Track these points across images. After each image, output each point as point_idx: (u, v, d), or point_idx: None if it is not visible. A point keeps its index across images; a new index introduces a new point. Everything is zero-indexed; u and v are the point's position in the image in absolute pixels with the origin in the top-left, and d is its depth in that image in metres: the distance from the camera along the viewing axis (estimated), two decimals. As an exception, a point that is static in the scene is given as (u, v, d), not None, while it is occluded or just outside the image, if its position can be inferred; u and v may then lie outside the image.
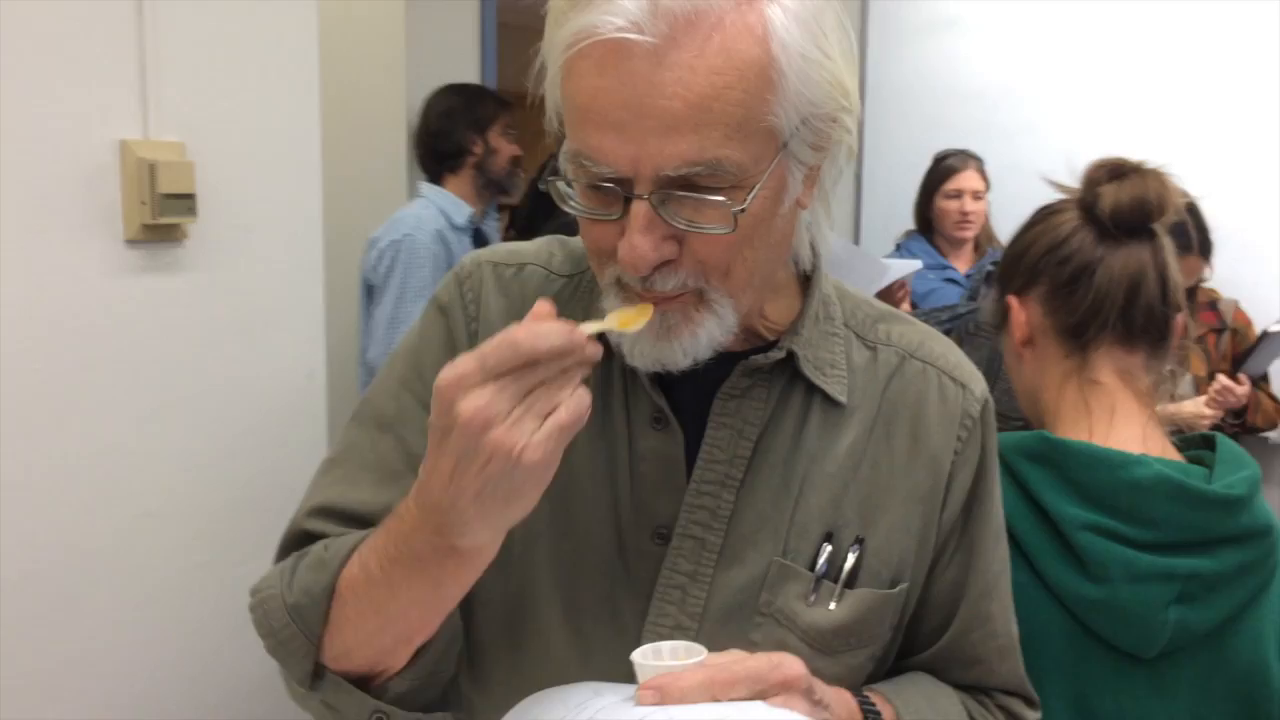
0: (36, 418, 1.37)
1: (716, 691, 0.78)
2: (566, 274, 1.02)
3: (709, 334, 0.86)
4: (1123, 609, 1.14)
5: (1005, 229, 3.44)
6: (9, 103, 1.31)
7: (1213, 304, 3.12)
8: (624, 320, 0.82)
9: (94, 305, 1.42)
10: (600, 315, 0.89)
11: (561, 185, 0.84)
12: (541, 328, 0.75)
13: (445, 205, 2.91)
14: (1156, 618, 1.13)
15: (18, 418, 1.35)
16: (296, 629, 0.87)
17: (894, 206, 3.99)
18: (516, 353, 0.73)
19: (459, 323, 0.99)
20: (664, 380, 0.93)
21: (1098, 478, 1.15)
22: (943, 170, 3.38)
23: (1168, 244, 1.22)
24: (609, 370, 0.96)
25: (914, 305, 3.17)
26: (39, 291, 1.36)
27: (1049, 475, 1.18)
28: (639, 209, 0.80)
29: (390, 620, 0.85)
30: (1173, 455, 1.23)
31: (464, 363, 0.73)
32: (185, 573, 1.56)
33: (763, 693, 0.79)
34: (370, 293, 2.78)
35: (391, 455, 0.97)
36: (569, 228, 0.98)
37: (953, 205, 3.36)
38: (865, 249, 4.05)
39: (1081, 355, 1.25)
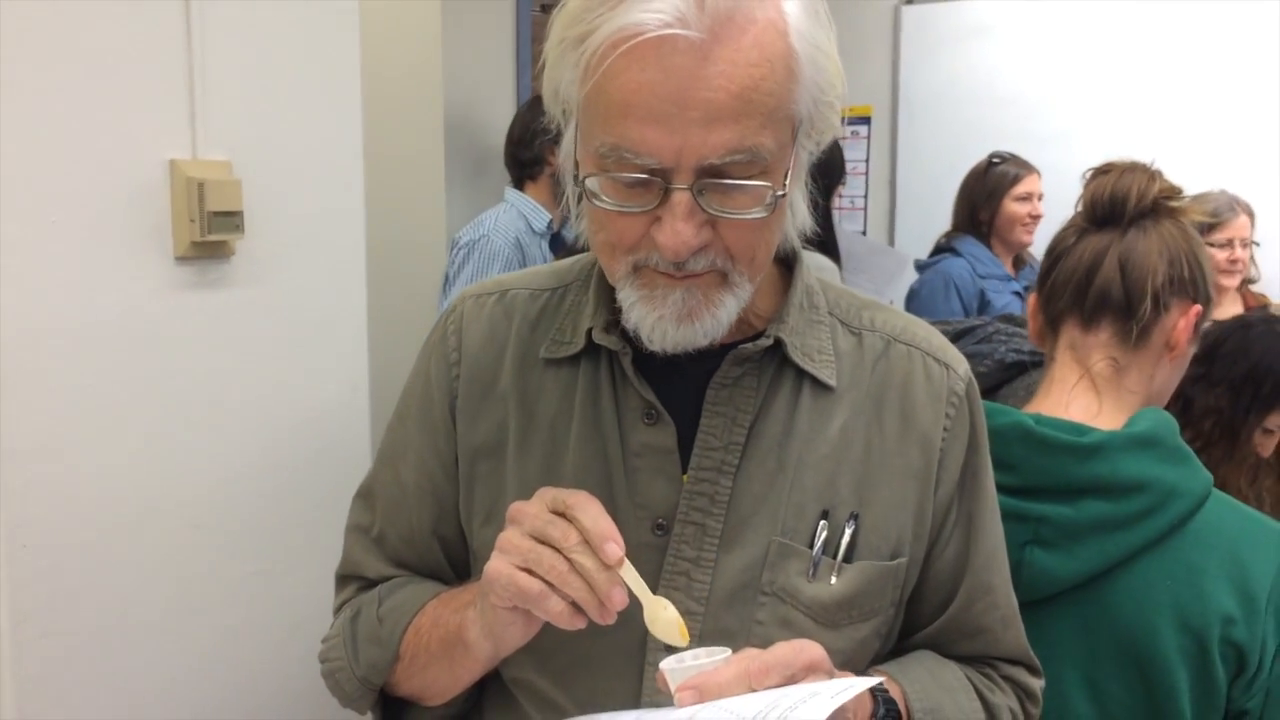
0: (88, 430, 1.40)
1: (752, 681, 0.81)
2: (550, 287, 1.07)
3: (727, 313, 0.91)
4: None
5: (1040, 236, 3.43)
6: (63, 126, 1.35)
7: (1263, 310, 3.09)
8: (661, 626, 0.88)
9: (144, 321, 1.45)
10: (594, 312, 1.00)
11: (590, 182, 0.88)
12: (601, 515, 0.85)
13: (525, 210, 3.05)
14: (1012, 556, 1.19)
15: (68, 431, 1.38)
16: (366, 692, 1.06)
17: (929, 212, 4.00)
18: (575, 499, 0.85)
19: (440, 360, 1.09)
20: (649, 376, 0.96)
21: None
22: (1011, 173, 3.32)
23: (1151, 235, 1.29)
24: (596, 371, 1.00)
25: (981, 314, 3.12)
26: (92, 308, 1.39)
27: None
28: (681, 198, 0.84)
29: (426, 684, 1.04)
30: (1106, 426, 1.28)
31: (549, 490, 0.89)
32: (232, 583, 1.58)
33: (792, 677, 0.82)
34: (445, 285, 2.99)
35: (392, 487, 1.10)
36: None
37: (1023, 209, 3.31)
38: (898, 250, 4.03)
39: (1054, 337, 1.36)
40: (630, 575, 0.84)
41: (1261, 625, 1.18)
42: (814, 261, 2.34)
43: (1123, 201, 1.29)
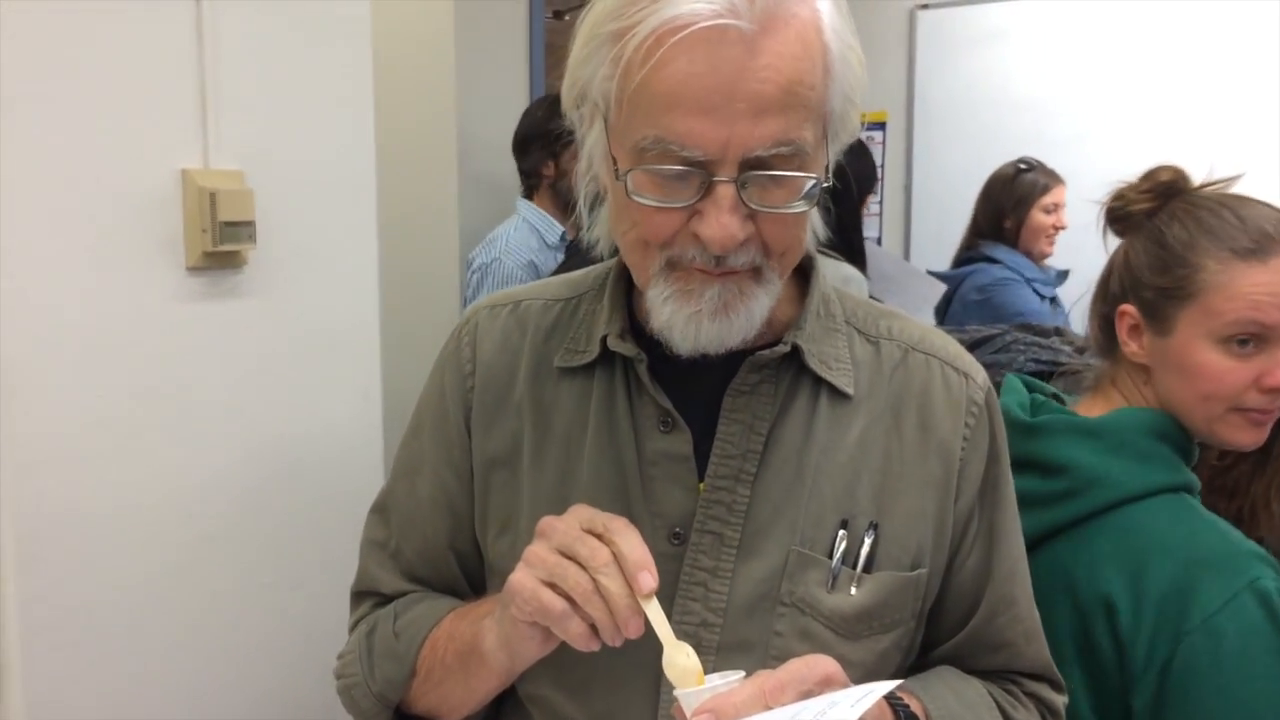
0: (101, 443, 1.40)
1: (768, 699, 0.80)
2: (564, 297, 1.07)
3: (760, 309, 0.91)
4: None
5: (1058, 245, 3.37)
6: (75, 135, 1.34)
7: None
8: (677, 672, 0.85)
9: (157, 332, 1.44)
10: (609, 319, 0.99)
11: (628, 177, 0.87)
12: (640, 544, 0.84)
13: (538, 223, 2.93)
14: None
15: (82, 443, 1.38)
16: (382, 708, 1.04)
17: (944, 217, 3.97)
18: (615, 524, 0.85)
19: (455, 371, 1.08)
20: (665, 383, 0.96)
21: None
22: (1040, 183, 3.20)
23: (1131, 243, 1.34)
24: (611, 379, 0.99)
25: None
26: (104, 319, 1.39)
27: None
28: (726, 191, 0.84)
29: (442, 699, 1.02)
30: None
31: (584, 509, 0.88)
32: (245, 595, 1.58)
33: (808, 692, 0.81)
34: (464, 307, 2.91)
35: (407, 500, 1.09)
36: None
37: (1049, 219, 3.20)
38: (915, 261, 4.01)
39: None
40: (654, 611, 0.83)
41: (1146, 627, 1.16)
42: (840, 272, 2.34)
43: (1113, 217, 1.37)
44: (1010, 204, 3.26)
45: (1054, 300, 3.22)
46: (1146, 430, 1.27)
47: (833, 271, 2.44)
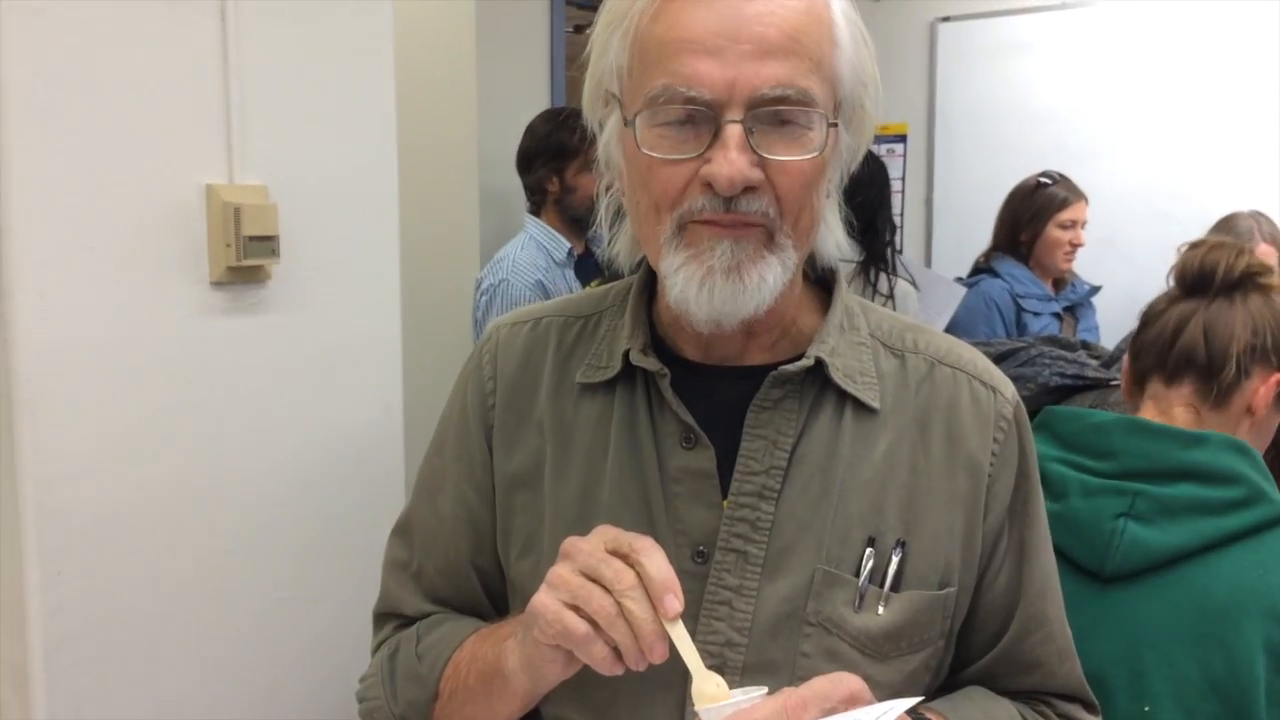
0: (122, 456, 1.40)
1: (790, 716, 0.78)
2: (585, 314, 1.06)
3: (774, 276, 0.89)
4: (1074, 518, 1.32)
5: (1079, 260, 3.34)
6: (100, 150, 1.35)
7: None
8: (706, 702, 0.84)
9: (181, 345, 1.45)
10: (631, 334, 0.99)
11: (639, 129, 0.88)
12: (666, 565, 0.83)
13: (545, 240, 2.90)
14: (1104, 525, 1.29)
15: (105, 456, 1.38)
16: None
17: (966, 230, 3.95)
18: (641, 544, 0.83)
19: (476, 389, 1.08)
20: (687, 399, 0.95)
21: (1072, 427, 1.40)
22: (1059, 197, 3.19)
23: (1237, 305, 1.38)
24: (632, 396, 0.98)
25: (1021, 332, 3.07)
26: (128, 333, 1.39)
27: (1042, 435, 1.41)
28: (733, 130, 0.85)
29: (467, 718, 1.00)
30: None
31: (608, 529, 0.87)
32: (266, 608, 1.58)
33: (832, 709, 0.80)
34: (475, 328, 2.90)
35: (430, 519, 1.09)
36: None
37: (1065, 235, 3.17)
38: (937, 271, 3.99)
39: (1140, 389, 1.45)
40: (680, 635, 0.82)
41: None
42: (899, 289, 2.46)
43: (1211, 273, 1.38)
44: (1026, 217, 3.24)
45: (1060, 315, 3.20)
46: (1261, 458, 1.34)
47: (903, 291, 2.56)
